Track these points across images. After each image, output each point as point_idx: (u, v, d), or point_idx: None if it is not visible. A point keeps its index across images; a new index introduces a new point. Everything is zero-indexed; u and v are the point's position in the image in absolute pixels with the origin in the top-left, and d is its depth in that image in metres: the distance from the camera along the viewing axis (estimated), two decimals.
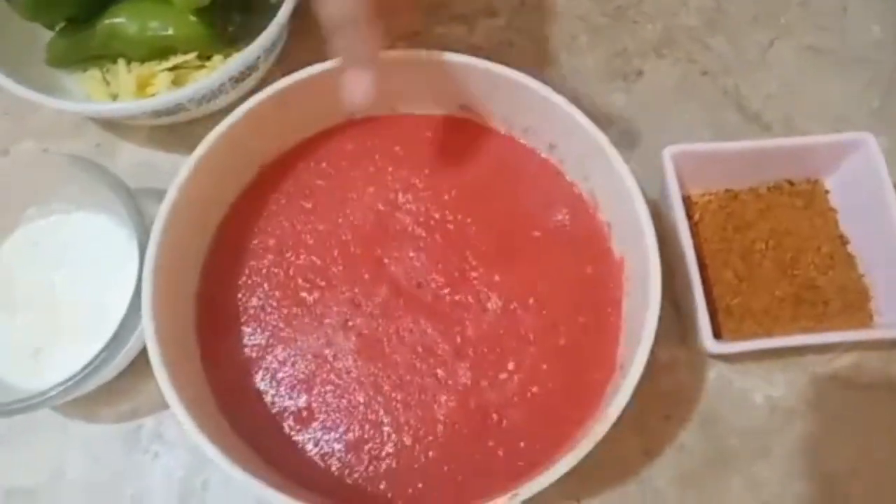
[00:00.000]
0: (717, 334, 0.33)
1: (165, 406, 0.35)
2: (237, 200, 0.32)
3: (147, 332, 0.26)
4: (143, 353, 0.36)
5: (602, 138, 0.28)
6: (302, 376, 0.29)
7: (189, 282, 0.30)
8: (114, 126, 0.41)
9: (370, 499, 0.26)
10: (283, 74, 0.41)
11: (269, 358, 0.29)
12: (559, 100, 0.29)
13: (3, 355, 0.34)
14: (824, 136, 0.37)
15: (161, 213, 0.28)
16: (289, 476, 0.27)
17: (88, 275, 0.36)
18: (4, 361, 0.34)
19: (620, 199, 0.28)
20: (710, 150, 0.36)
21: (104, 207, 0.36)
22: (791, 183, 0.38)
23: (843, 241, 0.37)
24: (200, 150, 0.29)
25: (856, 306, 0.36)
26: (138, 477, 0.34)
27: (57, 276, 0.35)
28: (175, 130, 0.42)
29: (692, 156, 0.36)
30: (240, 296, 0.30)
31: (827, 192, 0.39)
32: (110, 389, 0.36)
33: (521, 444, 0.27)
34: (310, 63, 0.42)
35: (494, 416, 0.28)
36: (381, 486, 0.27)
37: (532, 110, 0.31)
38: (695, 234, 0.36)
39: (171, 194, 0.28)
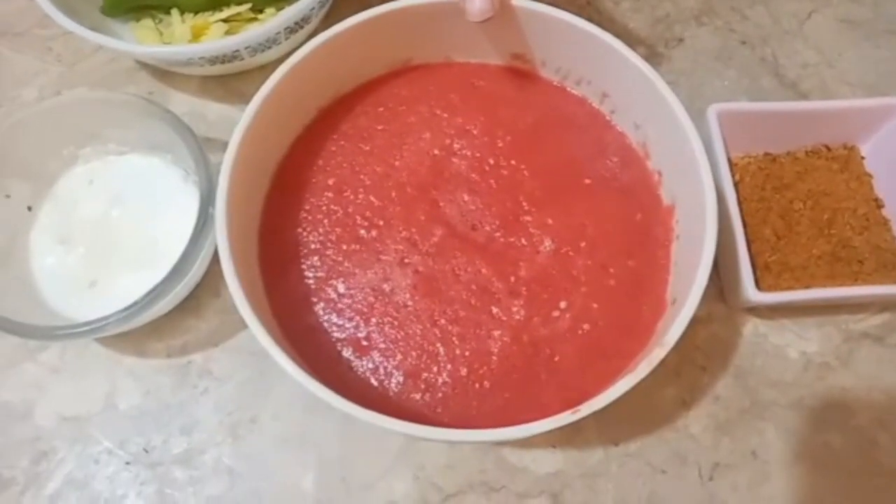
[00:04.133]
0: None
1: (214, 344, 0.37)
2: (296, 141, 0.33)
3: (225, 265, 0.27)
4: (191, 293, 0.37)
5: (662, 85, 0.29)
6: (361, 308, 0.30)
7: (252, 217, 0.31)
8: (166, 75, 0.42)
9: (425, 421, 0.27)
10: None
11: (329, 290, 0.30)
12: (619, 45, 0.30)
13: (61, 286, 0.35)
14: (860, 100, 0.38)
15: (230, 150, 0.29)
16: (351, 400, 0.28)
17: (143, 212, 0.37)
18: (62, 292, 0.35)
19: (676, 145, 0.29)
20: (753, 110, 0.37)
21: (159, 148, 0.37)
22: (828, 148, 0.39)
23: (879, 204, 0.38)
24: (266, 88, 0.30)
25: (889, 266, 0.37)
26: (187, 410, 0.35)
27: (112, 213, 0.36)
28: (225, 82, 0.43)
29: (735, 116, 0.37)
30: (300, 231, 0.31)
31: (863, 157, 0.40)
32: (160, 326, 0.37)
33: (572, 377, 0.28)
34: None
35: (547, 350, 0.29)
36: (438, 411, 0.28)
37: (588, 58, 0.32)
38: (735, 193, 0.37)
39: (239, 132, 0.29)
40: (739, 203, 0.37)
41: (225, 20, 0.41)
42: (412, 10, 0.31)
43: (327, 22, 0.43)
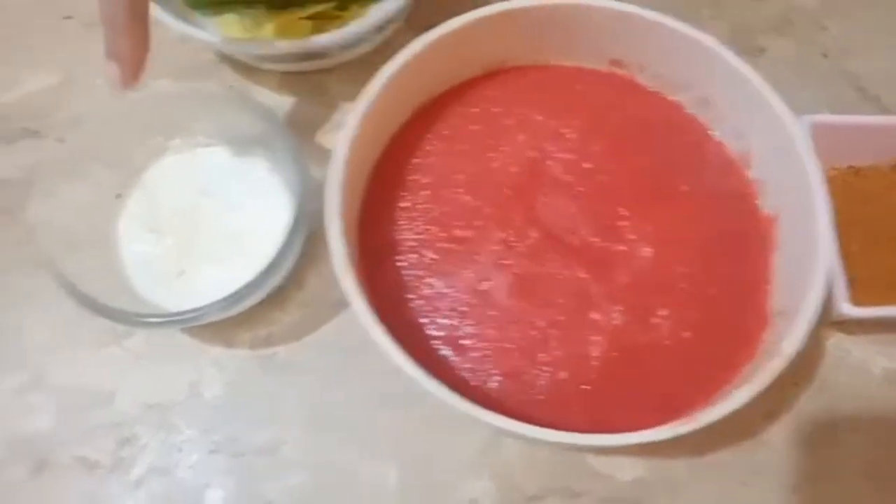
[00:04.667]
0: None
1: (297, 336, 0.37)
2: (393, 139, 0.33)
3: (337, 264, 0.28)
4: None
5: (774, 97, 0.29)
6: (458, 307, 0.30)
7: (352, 214, 0.31)
8: (247, 70, 0.43)
9: (525, 420, 0.27)
10: (412, 30, 0.43)
11: (425, 288, 0.30)
12: (727, 52, 0.30)
13: (150, 274, 0.35)
14: None
15: (341, 147, 0.29)
16: None
17: (230, 204, 0.37)
18: (151, 280, 0.35)
19: (783, 155, 0.29)
20: (846, 123, 0.36)
21: (248, 141, 0.38)
22: None
23: None
24: (374, 87, 0.30)
25: None
26: (271, 402, 0.36)
27: (201, 204, 0.37)
28: (307, 77, 0.43)
29: (825, 129, 0.36)
30: (397, 228, 0.31)
31: None
32: (245, 316, 0.37)
33: (674, 385, 0.28)
34: (434, 19, 0.44)
35: (647, 357, 0.29)
36: (536, 415, 0.28)
37: (690, 64, 0.32)
38: None
39: (351, 127, 0.29)
40: None
41: (310, 17, 0.41)
42: (514, 14, 0.31)
43: (407, 23, 0.44)
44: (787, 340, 0.25)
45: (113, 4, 0.29)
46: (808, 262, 0.27)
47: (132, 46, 0.30)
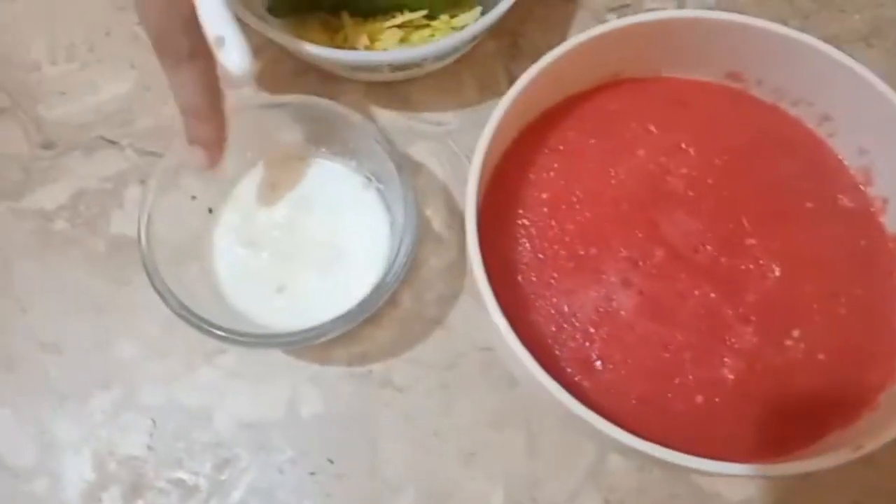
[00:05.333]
0: None
1: (394, 354, 0.36)
2: (505, 154, 0.32)
3: (477, 273, 0.27)
4: None
5: None
6: (585, 328, 0.29)
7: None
8: (331, 79, 0.41)
9: (662, 443, 0.26)
10: (492, 39, 0.42)
11: (550, 308, 0.30)
12: (858, 66, 0.29)
13: (247, 290, 0.34)
14: None
15: (475, 168, 0.28)
16: None
17: (325, 218, 0.36)
18: (247, 295, 0.34)
19: None
20: None
21: (342, 154, 0.37)
22: None
23: None
24: (503, 105, 0.29)
25: None
26: (371, 421, 0.35)
27: (296, 218, 0.36)
28: (389, 88, 0.42)
29: None
30: (516, 245, 0.31)
31: None
32: (340, 335, 0.36)
33: (813, 408, 0.28)
34: (515, 28, 0.43)
35: (783, 380, 0.28)
36: (675, 439, 0.27)
37: (812, 77, 0.31)
38: None
39: (482, 150, 0.28)
40: None
41: (399, 26, 0.40)
42: (636, 28, 0.30)
43: (493, 31, 0.43)
44: None
45: (192, 95, 0.29)
46: None
47: (213, 131, 0.31)
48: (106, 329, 0.36)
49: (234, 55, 0.29)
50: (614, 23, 0.31)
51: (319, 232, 0.36)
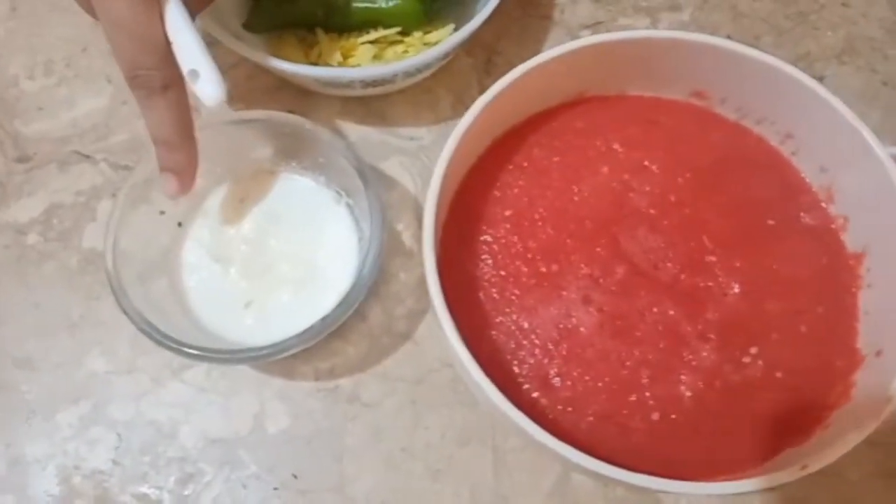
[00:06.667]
0: None
1: (361, 369, 0.36)
2: (471, 171, 0.32)
3: (434, 292, 0.27)
4: None
5: (862, 127, 0.29)
6: (544, 345, 0.29)
7: (434, 245, 0.30)
8: (306, 95, 0.42)
9: (618, 462, 0.26)
10: (467, 56, 0.43)
11: (510, 325, 0.30)
12: (818, 87, 0.29)
13: (215, 305, 0.35)
14: None
15: (434, 185, 0.28)
16: None
17: (295, 233, 0.36)
18: (216, 310, 0.34)
19: (875, 190, 0.29)
20: None
21: (312, 169, 0.37)
22: None
23: None
24: (465, 122, 0.29)
25: None
26: (337, 436, 0.35)
27: (266, 232, 0.36)
28: (364, 104, 0.42)
29: None
30: (478, 262, 0.31)
31: None
32: (307, 349, 0.36)
33: (768, 426, 0.28)
34: (492, 45, 0.43)
35: (740, 398, 0.28)
36: (631, 457, 0.27)
37: (774, 96, 0.31)
38: None
39: (442, 166, 0.28)
40: None
41: (373, 42, 0.41)
42: (602, 47, 0.31)
43: (468, 47, 0.44)
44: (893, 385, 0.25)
45: (164, 126, 0.30)
46: None
47: (184, 159, 0.31)
48: (77, 344, 0.37)
49: (208, 88, 0.29)
50: (578, 42, 0.31)
51: (289, 247, 0.36)
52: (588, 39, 0.31)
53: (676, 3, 0.45)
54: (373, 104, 0.42)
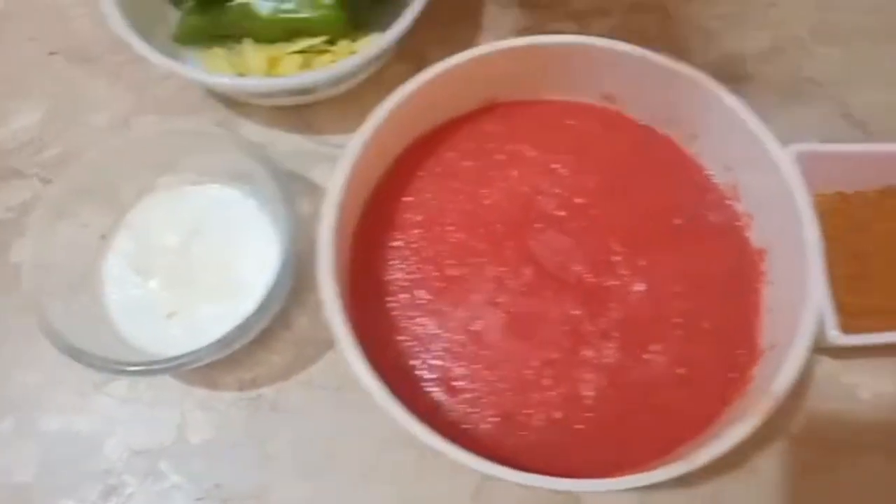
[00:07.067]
0: None
1: (285, 377, 0.37)
2: (384, 177, 0.33)
3: (330, 302, 0.27)
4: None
5: (762, 129, 0.29)
6: (450, 348, 0.30)
7: (342, 253, 0.31)
8: (235, 105, 0.42)
9: (518, 467, 0.27)
10: (401, 62, 0.43)
11: (418, 329, 0.30)
12: (714, 85, 0.30)
13: (136, 317, 0.35)
14: None
15: (333, 193, 0.29)
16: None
17: (219, 243, 0.36)
18: (137, 323, 0.35)
19: (772, 188, 0.29)
20: (830, 151, 0.36)
21: (236, 179, 0.37)
22: None
23: None
24: (368, 127, 0.30)
25: None
26: (260, 445, 0.35)
27: (189, 243, 0.36)
28: (294, 112, 0.43)
29: (812, 157, 0.36)
30: (388, 268, 0.31)
31: None
32: (230, 359, 0.36)
33: (668, 422, 0.28)
34: (423, 51, 0.44)
35: (641, 394, 0.29)
36: (530, 455, 0.27)
37: (677, 98, 0.32)
38: None
39: (342, 174, 0.29)
40: None
41: (299, 52, 0.41)
42: (510, 51, 0.31)
43: (396, 56, 0.44)
44: (777, 381, 0.25)
45: None
46: (797, 299, 0.27)
47: None
48: (6, 358, 0.37)
49: None
50: (483, 48, 0.31)
51: (212, 257, 0.36)
52: (494, 45, 0.32)
53: (605, 9, 0.46)
54: (303, 113, 0.42)
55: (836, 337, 0.32)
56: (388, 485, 0.34)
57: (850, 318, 0.36)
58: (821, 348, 0.36)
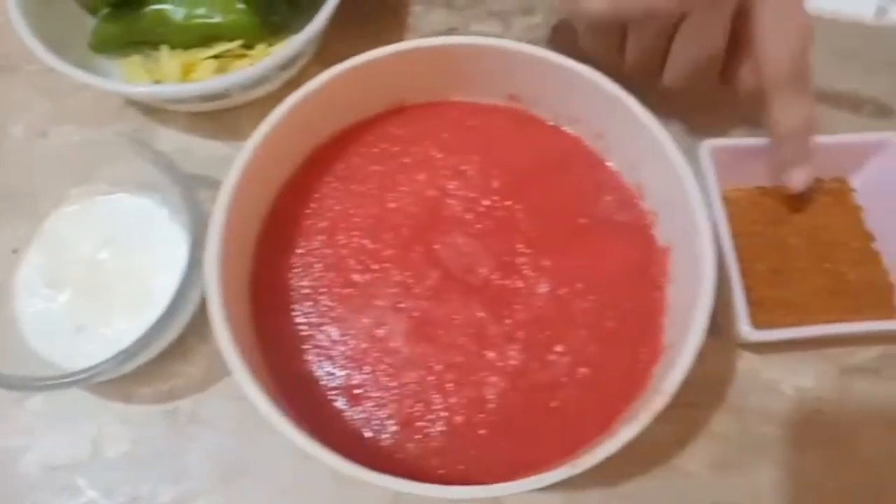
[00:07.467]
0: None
1: (202, 389, 0.36)
2: (287, 182, 0.32)
3: (216, 314, 0.27)
4: (178, 336, 0.36)
5: (657, 127, 0.29)
6: (353, 355, 0.29)
7: (243, 262, 0.30)
8: (154, 112, 0.42)
9: (421, 474, 0.27)
10: (322, 64, 0.43)
11: (321, 337, 0.30)
12: (611, 86, 0.30)
13: (47, 331, 0.34)
14: (851, 135, 0.38)
15: (223, 197, 0.28)
16: (341, 451, 0.27)
17: (131, 254, 0.36)
18: (48, 337, 0.34)
19: (671, 188, 0.29)
20: (746, 146, 0.37)
21: (147, 188, 0.37)
22: (820, 181, 0.40)
23: (869, 238, 0.38)
24: (262, 130, 0.29)
25: (882, 300, 0.37)
26: (177, 457, 0.34)
27: (101, 255, 0.36)
28: (214, 118, 0.42)
29: (727, 152, 0.37)
30: (292, 276, 0.31)
31: (853, 190, 0.40)
32: (146, 370, 0.36)
33: (571, 422, 0.28)
34: (346, 53, 0.43)
35: (544, 396, 0.29)
36: (433, 461, 0.27)
37: (580, 99, 0.32)
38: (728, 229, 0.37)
39: (233, 177, 0.29)
40: (732, 237, 0.37)
41: (215, 56, 0.40)
42: (411, 53, 0.31)
43: (319, 58, 0.44)
44: (668, 380, 0.25)
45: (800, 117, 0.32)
46: (695, 298, 0.27)
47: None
48: None
49: None
50: (388, 48, 0.31)
51: (125, 269, 0.36)
52: (398, 46, 0.31)
53: (529, 7, 0.45)
54: (223, 119, 0.42)
55: (749, 333, 0.32)
56: (305, 496, 0.34)
57: (770, 312, 0.37)
58: (741, 344, 0.37)
